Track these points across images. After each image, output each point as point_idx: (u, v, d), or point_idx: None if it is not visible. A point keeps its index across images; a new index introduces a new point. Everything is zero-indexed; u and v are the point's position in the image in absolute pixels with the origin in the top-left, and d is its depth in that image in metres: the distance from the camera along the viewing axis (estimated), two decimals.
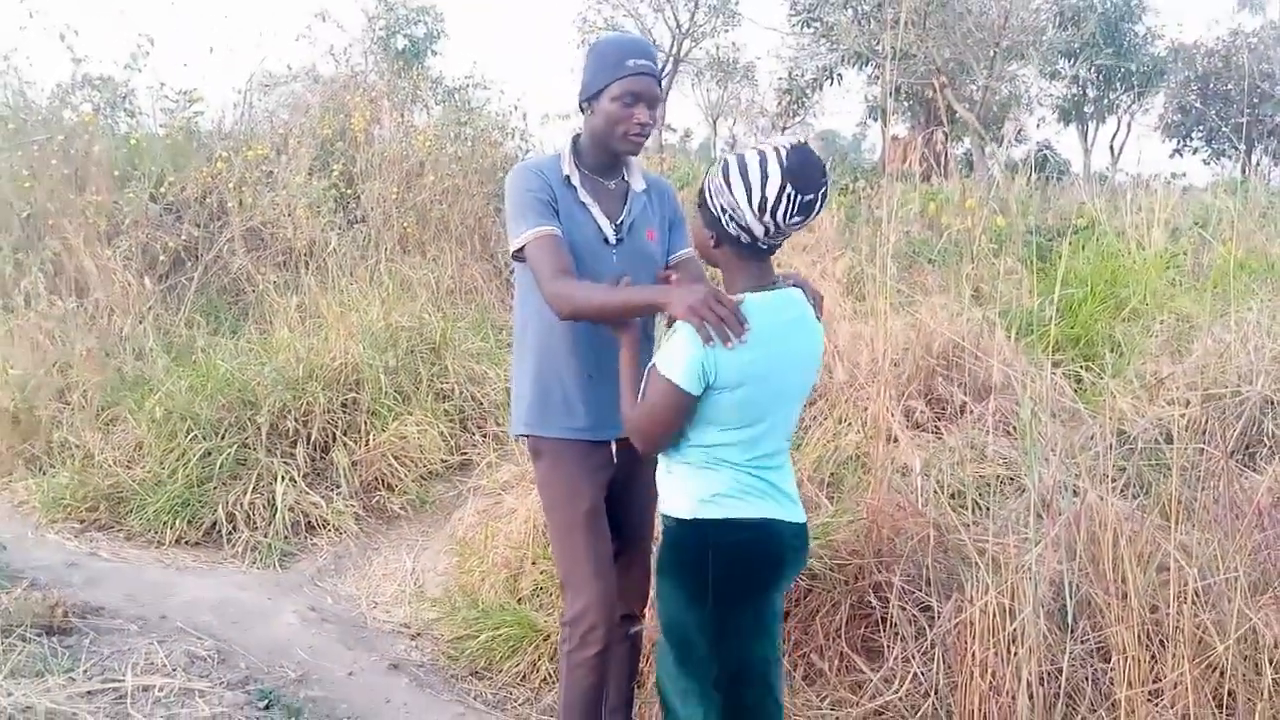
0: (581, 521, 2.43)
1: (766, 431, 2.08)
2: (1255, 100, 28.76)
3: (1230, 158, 32.30)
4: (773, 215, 1.96)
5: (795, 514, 2.16)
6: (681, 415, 2.03)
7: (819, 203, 1.99)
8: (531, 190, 2.39)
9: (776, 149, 1.95)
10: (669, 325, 2.08)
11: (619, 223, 2.50)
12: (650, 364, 2.07)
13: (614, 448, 2.50)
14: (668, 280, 2.47)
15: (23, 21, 11.93)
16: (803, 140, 1.99)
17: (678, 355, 1.98)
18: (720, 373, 1.97)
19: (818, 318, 2.16)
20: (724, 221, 2.02)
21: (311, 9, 17.60)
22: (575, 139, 2.53)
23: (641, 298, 2.15)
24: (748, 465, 2.08)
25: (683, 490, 2.10)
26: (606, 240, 2.47)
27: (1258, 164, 29.02)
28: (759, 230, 1.99)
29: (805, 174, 1.95)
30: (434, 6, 19.51)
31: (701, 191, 2.06)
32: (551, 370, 2.47)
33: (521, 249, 2.35)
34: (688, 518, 2.09)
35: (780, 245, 2.09)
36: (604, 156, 2.49)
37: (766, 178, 1.94)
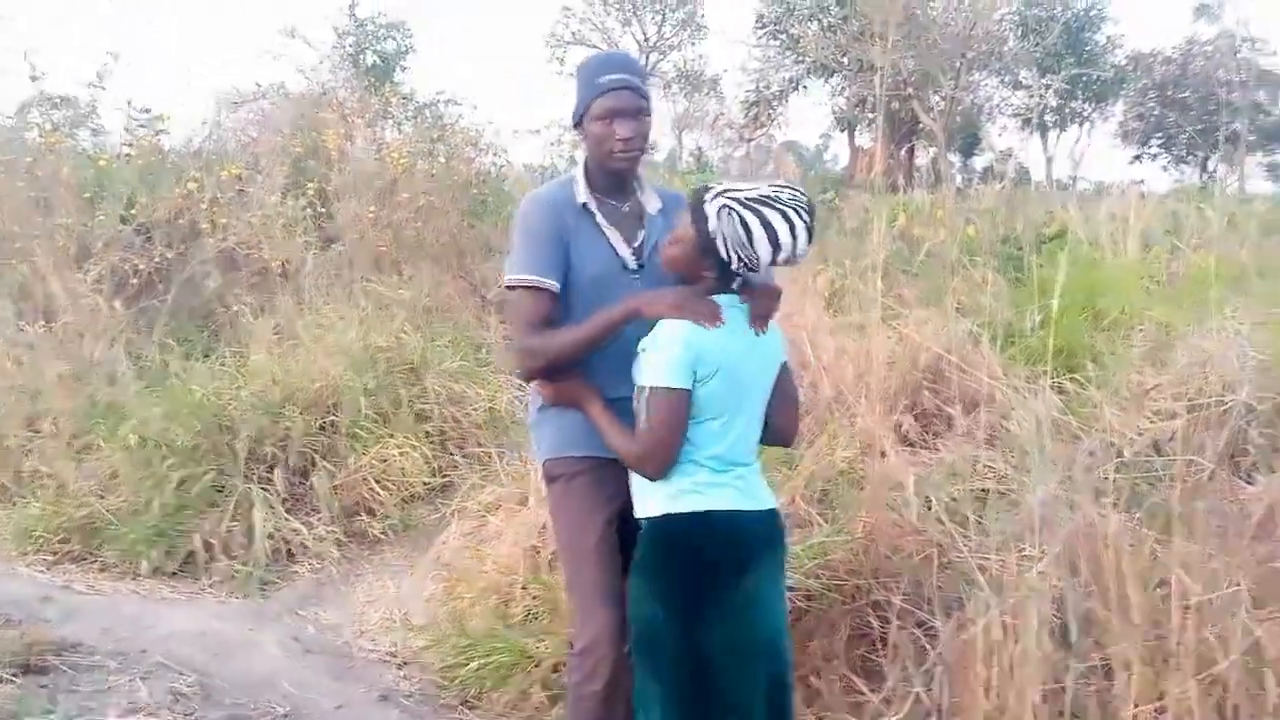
0: (592, 551, 2.38)
1: (731, 426, 2.18)
2: (1211, 107, 29.29)
3: (1189, 164, 32.84)
4: (789, 262, 2.14)
5: (762, 502, 2.25)
6: (685, 417, 2.12)
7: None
8: (538, 228, 2.36)
9: (799, 211, 2.10)
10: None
11: (637, 247, 2.44)
12: (639, 387, 2.15)
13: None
14: None
15: None
16: (796, 187, 2.16)
17: (664, 359, 2.09)
18: (701, 364, 2.10)
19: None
20: (734, 264, 2.13)
21: (280, 26, 17.46)
22: (585, 163, 2.47)
23: (614, 315, 2.20)
24: (710, 460, 2.17)
25: (651, 489, 2.18)
26: (626, 267, 2.41)
27: (1214, 170, 29.56)
28: (762, 266, 2.15)
29: (814, 219, 2.14)
30: (403, 23, 19.46)
31: (708, 233, 2.11)
32: None
33: (510, 287, 2.35)
34: (658, 514, 2.17)
35: None
36: (606, 178, 2.44)
37: (795, 239, 2.10)
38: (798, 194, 2.13)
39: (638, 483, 2.24)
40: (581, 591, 2.41)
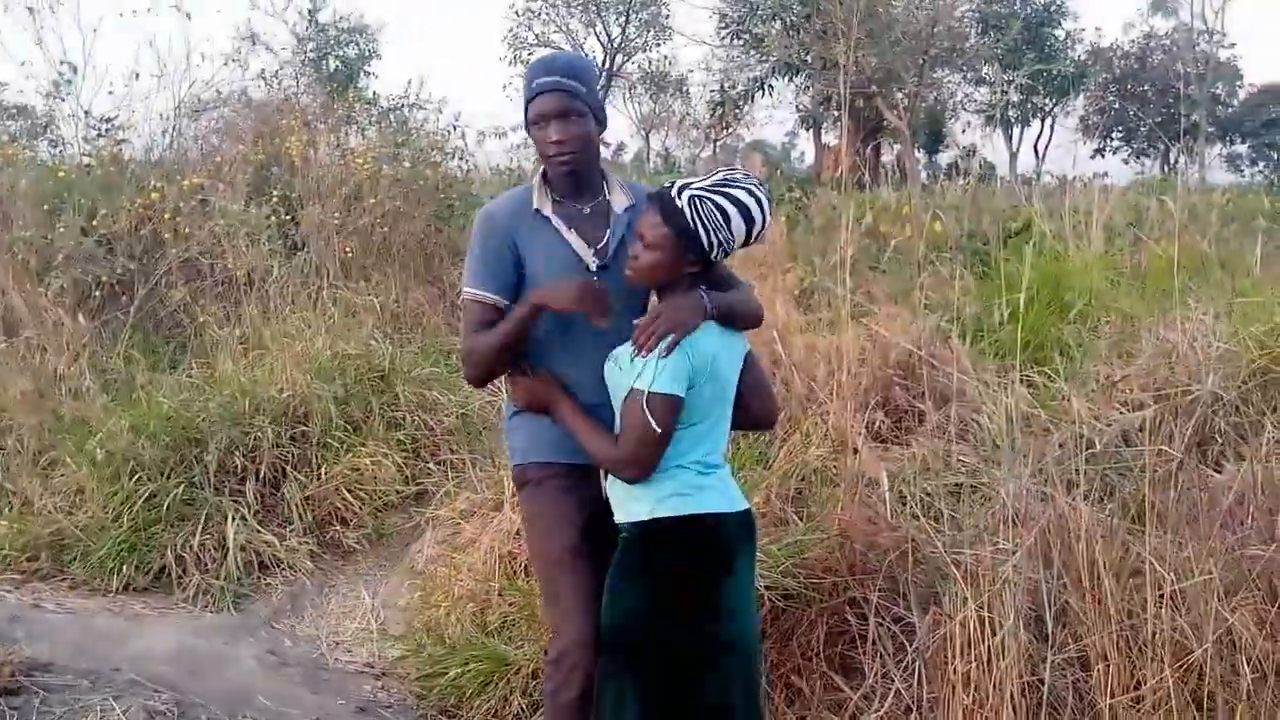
0: (565, 557, 2.36)
1: (710, 429, 2.24)
2: (1171, 100, 29.70)
3: (1150, 156, 33.27)
4: (757, 238, 2.22)
5: (740, 503, 2.30)
6: (675, 423, 2.16)
7: None
8: (484, 243, 2.40)
9: (757, 188, 2.20)
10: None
11: (600, 247, 2.42)
12: (632, 391, 2.16)
13: (605, 478, 2.44)
14: None
15: None
16: (739, 168, 2.30)
17: (667, 365, 2.12)
18: (698, 371, 2.16)
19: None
20: (715, 253, 2.20)
21: (240, 32, 17.30)
22: (544, 167, 2.48)
23: (521, 312, 2.30)
24: (694, 465, 2.21)
25: (638, 494, 2.21)
26: (588, 268, 2.40)
27: (1175, 162, 29.98)
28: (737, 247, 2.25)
29: (771, 197, 2.26)
30: (366, 27, 19.36)
31: (688, 228, 2.17)
32: None
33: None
34: (646, 518, 2.19)
35: None
36: (562, 179, 2.43)
37: (764, 212, 2.21)
38: (748, 174, 2.24)
39: (620, 488, 2.25)
40: (554, 598, 2.40)
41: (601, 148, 2.55)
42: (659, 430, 2.13)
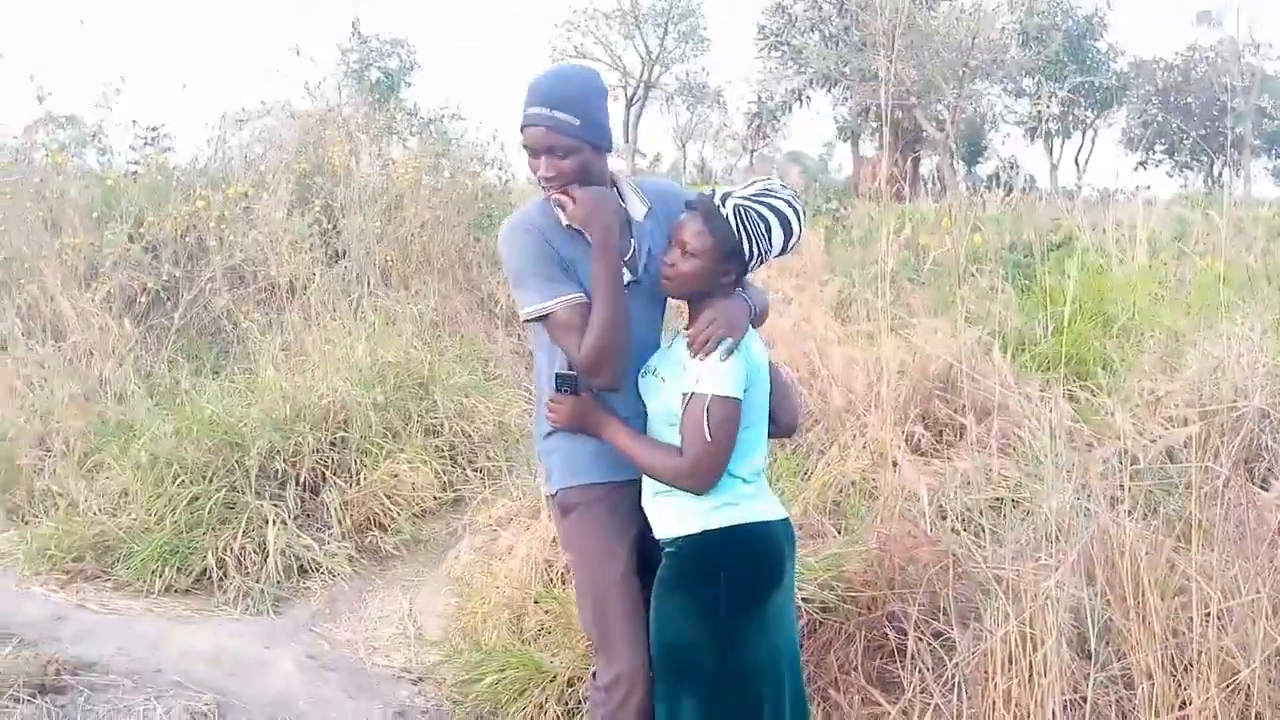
0: (615, 583, 2.30)
1: (758, 434, 2.24)
2: (1215, 113, 29.29)
3: (1194, 170, 32.84)
4: (791, 250, 2.26)
5: (782, 511, 2.30)
6: (738, 427, 2.13)
7: None
8: (531, 254, 2.22)
9: (795, 199, 2.22)
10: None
11: (629, 258, 2.30)
12: (692, 397, 2.10)
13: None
14: None
15: None
16: (773, 179, 2.29)
17: (726, 368, 2.10)
18: (750, 374, 2.15)
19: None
20: (753, 262, 2.22)
21: (284, 44, 17.55)
22: None
23: (611, 259, 2.19)
24: (743, 472, 2.19)
25: (686, 507, 2.17)
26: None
27: (1219, 175, 29.55)
28: (773, 257, 2.27)
29: (805, 210, 2.30)
30: (407, 39, 19.59)
31: (731, 236, 2.16)
32: None
33: (541, 316, 2.22)
34: (696, 531, 2.16)
35: None
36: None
37: (801, 223, 2.23)
38: (784, 185, 2.24)
39: (666, 501, 2.21)
40: (607, 624, 2.32)
41: (631, 164, 2.48)
42: (726, 435, 2.09)
